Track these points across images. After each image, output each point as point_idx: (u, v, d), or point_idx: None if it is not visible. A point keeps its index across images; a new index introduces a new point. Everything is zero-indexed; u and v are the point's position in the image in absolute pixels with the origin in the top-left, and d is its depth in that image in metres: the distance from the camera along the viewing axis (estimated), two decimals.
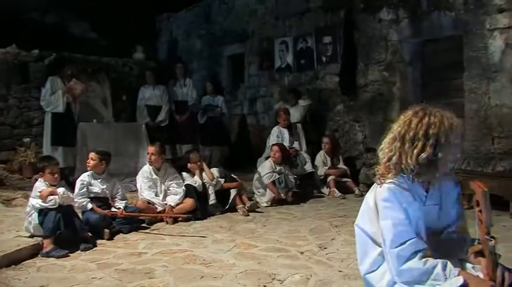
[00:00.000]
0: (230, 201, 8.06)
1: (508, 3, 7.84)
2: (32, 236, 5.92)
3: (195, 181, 7.96)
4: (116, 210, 6.75)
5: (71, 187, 7.07)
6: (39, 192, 5.89)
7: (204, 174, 8.12)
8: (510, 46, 7.87)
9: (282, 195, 8.70)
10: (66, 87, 9.34)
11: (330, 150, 9.91)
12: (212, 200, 7.94)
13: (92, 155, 6.92)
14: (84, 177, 6.80)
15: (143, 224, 7.05)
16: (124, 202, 7.00)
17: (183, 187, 7.73)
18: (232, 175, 8.58)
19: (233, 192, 8.10)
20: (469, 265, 2.85)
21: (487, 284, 2.57)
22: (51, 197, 5.83)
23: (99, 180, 6.86)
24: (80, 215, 6.39)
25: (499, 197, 7.19)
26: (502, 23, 7.93)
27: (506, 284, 2.60)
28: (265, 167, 8.89)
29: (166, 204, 7.48)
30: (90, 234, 6.20)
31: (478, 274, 2.73)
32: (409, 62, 9.56)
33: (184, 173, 8.09)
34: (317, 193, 9.59)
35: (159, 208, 7.44)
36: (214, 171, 8.27)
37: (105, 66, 11.66)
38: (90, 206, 6.55)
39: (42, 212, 5.82)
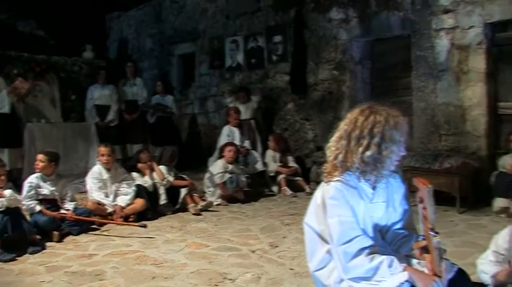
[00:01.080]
0: (180, 200, 8.04)
1: (453, 4, 8.03)
2: None
3: (146, 181, 7.90)
4: (65, 212, 6.65)
5: (18, 188, 6.93)
6: None
7: (154, 174, 8.07)
8: (455, 46, 8.07)
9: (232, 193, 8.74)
10: (11, 87, 9.09)
11: (274, 148, 9.94)
12: (163, 200, 7.89)
13: (40, 156, 6.77)
14: (32, 179, 6.66)
15: (93, 225, 6.96)
16: (73, 203, 6.88)
17: (134, 187, 7.67)
18: (182, 175, 8.56)
19: (183, 191, 8.07)
20: (414, 261, 2.91)
21: (432, 279, 2.63)
22: None
23: (48, 182, 6.73)
24: (28, 217, 6.29)
25: (446, 193, 7.38)
26: (448, 24, 8.12)
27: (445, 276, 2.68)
28: (217, 167, 8.88)
29: (116, 205, 7.39)
30: (38, 237, 6.08)
31: (423, 269, 2.79)
32: (358, 61, 9.68)
33: (134, 173, 8.01)
34: (268, 192, 9.61)
35: (109, 209, 7.35)
36: (162, 168, 8.22)
37: (54, 65, 11.42)
38: (38, 208, 6.42)
39: None
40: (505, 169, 7.31)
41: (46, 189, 6.67)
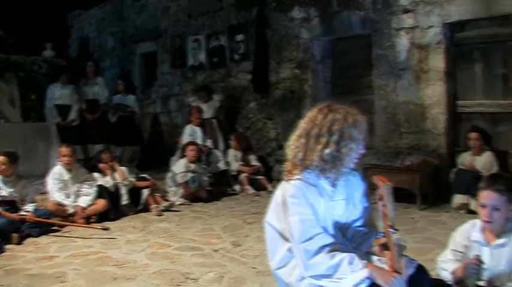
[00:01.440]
0: (143, 201, 7.97)
1: (412, 4, 8.14)
2: None
3: (107, 181, 7.82)
4: (25, 213, 6.54)
5: None
6: None
7: (116, 174, 8.01)
8: (415, 45, 8.18)
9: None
10: None
11: (236, 147, 9.94)
12: (125, 200, 7.81)
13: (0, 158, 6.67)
14: None
15: (54, 227, 6.86)
16: (33, 204, 6.76)
17: (95, 188, 7.58)
18: (143, 175, 8.51)
19: (145, 192, 8.01)
20: (375, 258, 2.93)
21: (391, 275, 2.65)
22: None
23: (7, 183, 6.62)
24: None
25: (407, 190, 7.48)
26: (408, 23, 8.23)
27: (405, 273, 2.72)
28: (179, 166, 8.84)
29: (77, 205, 7.29)
30: None
31: (383, 266, 2.81)
32: (320, 60, 9.74)
33: (95, 174, 7.93)
34: (230, 191, 9.59)
35: (71, 210, 7.25)
36: (124, 170, 8.16)
37: (13, 64, 11.25)
38: None
39: None
40: (464, 166, 7.45)
41: (5, 190, 6.56)
